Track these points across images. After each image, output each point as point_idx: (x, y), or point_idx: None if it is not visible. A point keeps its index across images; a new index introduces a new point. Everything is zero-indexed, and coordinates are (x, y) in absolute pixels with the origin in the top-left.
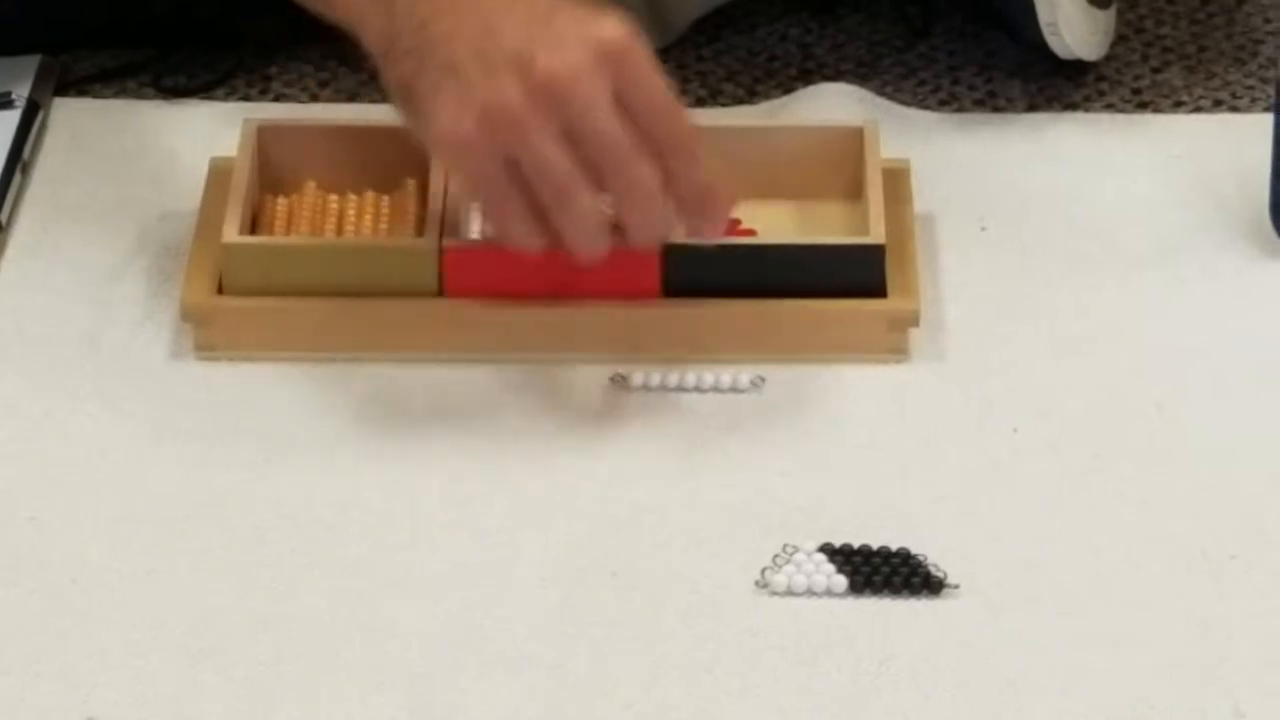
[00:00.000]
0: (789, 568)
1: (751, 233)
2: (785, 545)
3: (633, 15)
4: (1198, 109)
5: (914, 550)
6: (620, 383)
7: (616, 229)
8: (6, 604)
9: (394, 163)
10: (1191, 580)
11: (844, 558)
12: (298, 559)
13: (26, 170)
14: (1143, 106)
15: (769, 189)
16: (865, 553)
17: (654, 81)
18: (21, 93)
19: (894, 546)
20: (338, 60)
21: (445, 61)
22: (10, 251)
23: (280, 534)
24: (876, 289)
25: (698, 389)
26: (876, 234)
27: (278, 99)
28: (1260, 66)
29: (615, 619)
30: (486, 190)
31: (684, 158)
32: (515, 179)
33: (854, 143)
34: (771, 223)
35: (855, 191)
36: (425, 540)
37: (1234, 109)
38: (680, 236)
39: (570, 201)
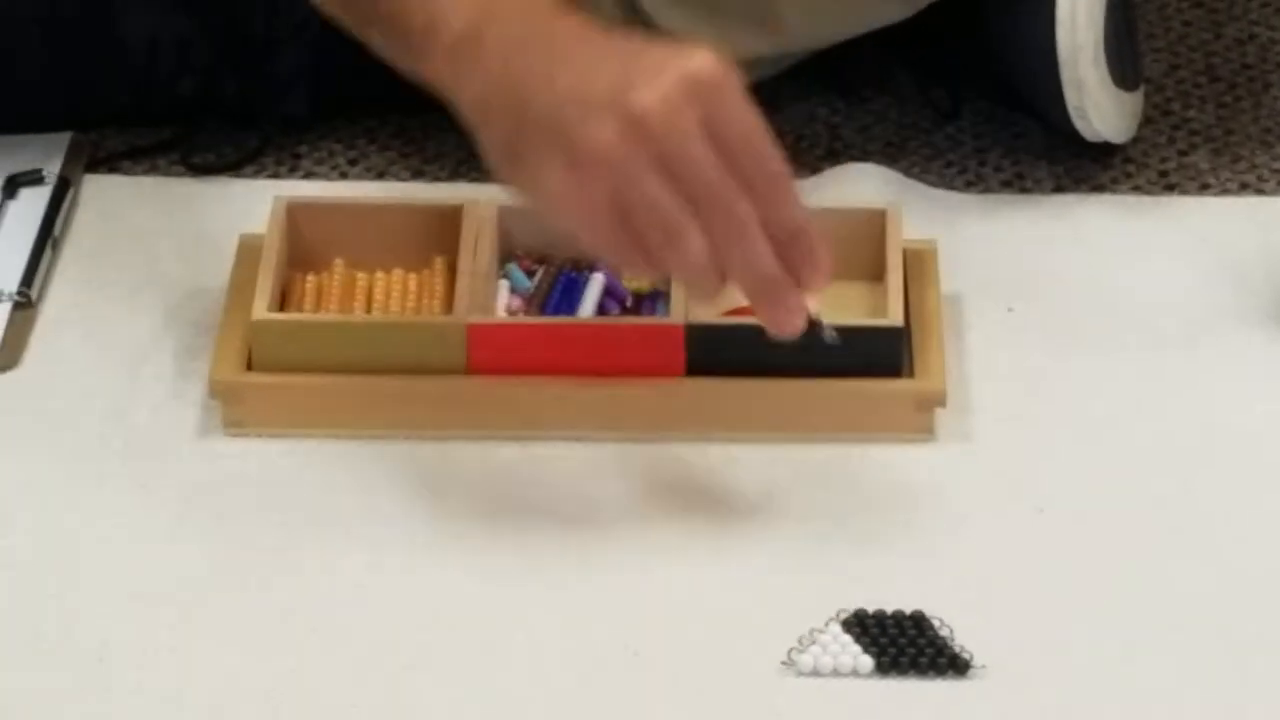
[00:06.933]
0: (815, 648)
1: None
2: (811, 629)
3: None
4: (1224, 192)
5: (940, 630)
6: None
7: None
8: (32, 680)
9: (422, 241)
10: (1216, 662)
11: (870, 638)
12: (322, 637)
13: (57, 246)
14: (1169, 189)
15: None
16: (891, 634)
17: (743, 114)
18: (52, 170)
19: (920, 621)
20: (367, 138)
21: (542, 115)
22: (40, 327)
23: (304, 612)
24: (895, 370)
25: None
26: (895, 316)
27: (307, 176)
28: None
29: (638, 699)
30: (605, 244)
31: (774, 193)
32: (628, 225)
33: (877, 225)
34: None
35: (879, 273)
36: (448, 618)
37: (1260, 192)
38: (777, 286)
39: (679, 240)
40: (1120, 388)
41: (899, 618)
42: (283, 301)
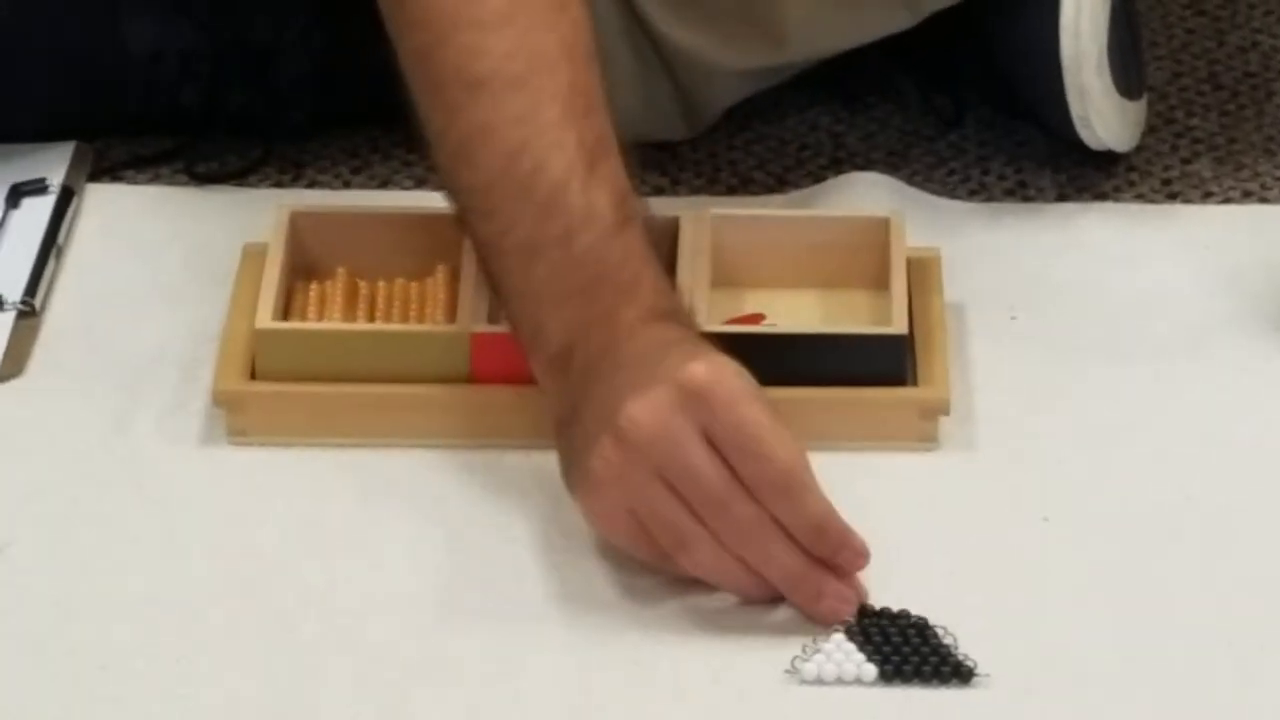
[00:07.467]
0: (819, 656)
1: (760, 319)
2: (815, 637)
3: (663, 104)
4: (1227, 200)
5: (944, 639)
6: None
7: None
8: (36, 689)
9: (425, 250)
10: (1221, 673)
11: (874, 646)
12: (325, 645)
13: (61, 256)
14: (1172, 197)
15: (797, 278)
16: (895, 642)
17: (737, 420)
18: (56, 179)
19: (923, 630)
20: (370, 147)
21: (577, 437)
22: (44, 336)
23: (308, 620)
24: (898, 379)
25: None
26: (899, 324)
27: (310, 185)
28: None
29: (641, 706)
30: (632, 551)
31: (783, 494)
32: (647, 533)
33: (880, 233)
34: (799, 312)
35: (883, 281)
36: (450, 626)
37: (1263, 200)
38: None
39: (687, 547)
40: (1124, 396)
41: (903, 626)
42: (285, 310)
